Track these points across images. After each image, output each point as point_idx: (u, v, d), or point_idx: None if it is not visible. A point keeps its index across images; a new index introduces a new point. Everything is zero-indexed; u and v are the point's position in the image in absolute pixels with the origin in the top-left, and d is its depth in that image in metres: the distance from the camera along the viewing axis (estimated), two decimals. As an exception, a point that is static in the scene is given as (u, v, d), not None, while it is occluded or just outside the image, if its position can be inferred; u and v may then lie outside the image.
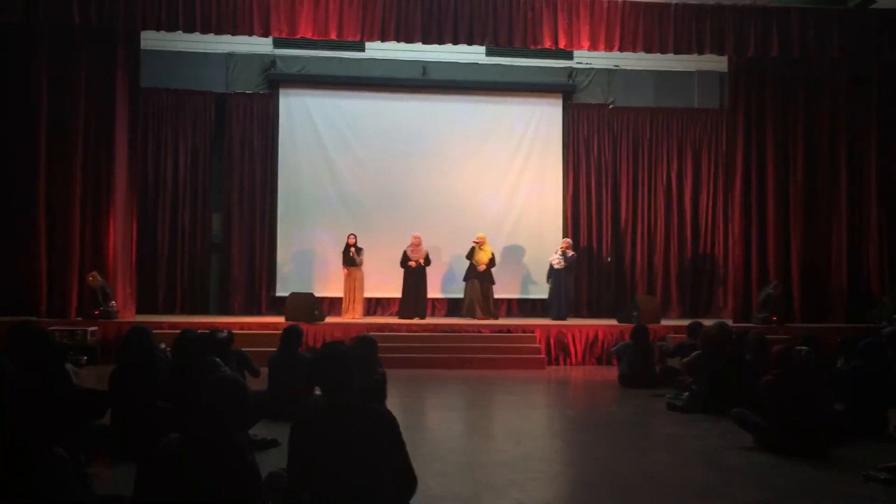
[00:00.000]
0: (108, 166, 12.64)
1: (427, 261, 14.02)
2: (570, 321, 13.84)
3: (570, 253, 14.26)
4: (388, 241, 14.41)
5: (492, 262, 14.16)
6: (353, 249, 13.75)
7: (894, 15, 13.19)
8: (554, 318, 13.97)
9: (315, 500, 3.56)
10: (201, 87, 15.17)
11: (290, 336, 7.60)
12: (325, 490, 3.54)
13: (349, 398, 3.62)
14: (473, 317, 13.86)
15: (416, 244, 14.00)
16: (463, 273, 14.49)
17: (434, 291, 14.93)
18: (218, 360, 6.02)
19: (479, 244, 14.12)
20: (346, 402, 3.61)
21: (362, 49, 15.27)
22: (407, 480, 3.72)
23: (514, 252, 15.50)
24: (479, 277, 14.06)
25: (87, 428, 5.51)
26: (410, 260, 13.93)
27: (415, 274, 13.92)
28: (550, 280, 14.41)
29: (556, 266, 14.20)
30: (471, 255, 14.13)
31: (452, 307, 15.31)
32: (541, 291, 15.26)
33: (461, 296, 14.80)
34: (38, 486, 3.13)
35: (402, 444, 3.69)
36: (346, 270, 13.81)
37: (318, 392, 6.89)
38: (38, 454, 3.16)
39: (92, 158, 12.66)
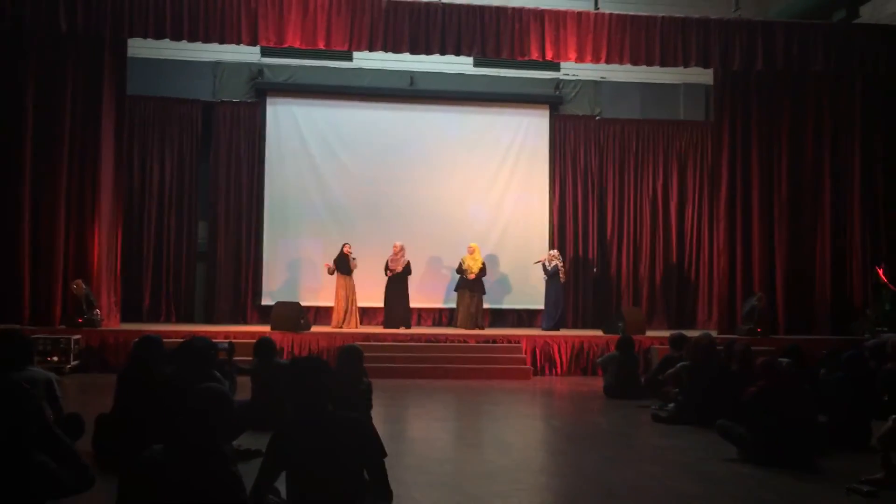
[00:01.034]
0: (93, 174, 12.59)
1: (407, 270, 14.00)
2: (555, 332, 13.85)
3: (552, 262, 14.28)
4: (375, 250, 14.38)
5: (482, 272, 14.16)
6: (350, 257, 13.71)
7: (878, 30, 13.35)
8: (543, 329, 13.99)
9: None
10: (188, 96, 15.15)
11: (266, 347, 7.71)
12: (305, 497, 3.61)
13: (322, 407, 3.69)
14: (465, 327, 13.82)
15: (396, 253, 13.99)
16: (448, 282, 14.48)
17: (420, 301, 14.93)
18: (217, 373, 5.98)
19: (471, 253, 14.13)
20: (319, 412, 3.68)
21: (350, 59, 15.29)
22: (382, 490, 3.76)
23: (501, 262, 15.51)
24: (469, 287, 14.05)
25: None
26: (389, 269, 13.92)
27: (395, 283, 13.91)
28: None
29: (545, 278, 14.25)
30: (461, 265, 14.12)
31: (438, 317, 15.32)
32: (526, 301, 15.28)
33: (447, 306, 14.81)
34: (27, 488, 3.12)
35: (379, 453, 3.73)
36: (340, 280, 13.71)
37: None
38: (19, 458, 3.15)
39: (77, 166, 12.61)
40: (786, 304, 13.85)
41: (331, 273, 13.79)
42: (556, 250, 14.71)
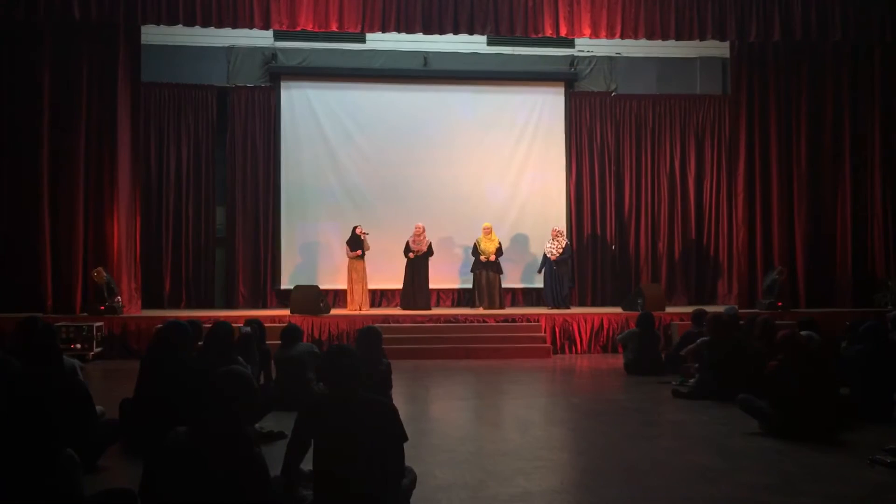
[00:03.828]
0: (111, 161, 12.66)
1: (430, 251, 14.00)
2: (575, 309, 13.86)
3: (565, 242, 14.24)
4: (393, 232, 14.40)
5: (499, 252, 14.15)
6: (363, 235, 13.74)
7: (896, -3, 13.16)
8: (550, 307, 13.96)
9: (318, 484, 3.73)
10: (202, 81, 15.16)
11: (291, 334, 7.80)
12: (328, 474, 3.76)
13: (352, 388, 3.83)
14: (484, 307, 13.82)
15: (419, 234, 13.98)
16: (463, 262, 14.45)
17: (439, 282, 14.97)
18: (240, 358, 6.03)
19: (486, 233, 14.12)
20: (350, 392, 3.76)
21: (363, 40, 15.24)
22: (400, 471, 3.92)
23: (519, 241, 15.49)
24: (486, 268, 14.04)
25: (98, 423, 5.54)
26: (410, 251, 13.92)
27: (415, 264, 13.91)
28: (544, 269, 14.34)
29: (552, 259, 14.13)
30: (476, 247, 14.10)
31: (458, 298, 15.32)
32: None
33: (467, 286, 14.78)
34: (50, 487, 3.14)
35: (401, 437, 3.88)
36: (351, 262, 13.75)
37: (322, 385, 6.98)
38: (50, 455, 3.18)
39: (95, 154, 12.69)
40: (807, 277, 13.77)
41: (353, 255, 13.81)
42: (556, 228, 14.52)
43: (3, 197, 12.53)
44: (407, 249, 13.95)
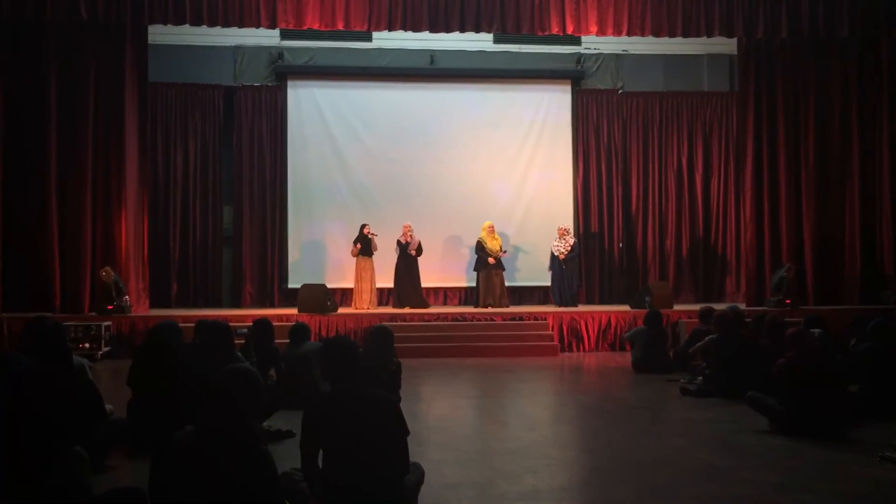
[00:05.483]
0: (118, 161, 12.69)
1: (419, 250, 13.99)
2: (583, 307, 13.84)
3: (572, 240, 14.23)
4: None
5: (502, 249, 14.15)
6: (372, 235, 13.75)
7: (905, -7, 13.09)
8: (558, 305, 13.96)
9: (326, 482, 3.77)
10: (209, 81, 15.20)
11: (299, 332, 7.83)
12: (336, 469, 3.78)
13: (354, 385, 3.84)
14: (492, 307, 13.78)
15: (407, 232, 13.97)
16: (473, 261, 14.47)
17: (445, 280, 14.99)
18: (239, 354, 6.05)
19: (490, 232, 14.08)
20: (352, 389, 3.81)
21: (369, 39, 15.25)
22: (401, 465, 3.92)
23: (526, 239, 15.48)
24: (491, 266, 14.00)
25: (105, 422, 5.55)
26: (409, 249, 13.89)
27: (408, 263, 13.89)
28: (552, 268, 14.34)
29: (561, 258, 14.13)
30: (481, 245, 14.07)
31: (465, 296, 15.31)
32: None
33: (472, 285, 14.77)
34: (58, 485, 3.15)
35: (403, 431, 3.89)
36: (358, 261, 13.77)
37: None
38: (58, 453, 3.18)
39: (102, 154, 12.71)
40: (815, 274, 13.71)
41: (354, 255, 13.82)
42: (563, 226, 14.51)
43: (11, 197, 12.54)
44: (401, 245, 13.90)
